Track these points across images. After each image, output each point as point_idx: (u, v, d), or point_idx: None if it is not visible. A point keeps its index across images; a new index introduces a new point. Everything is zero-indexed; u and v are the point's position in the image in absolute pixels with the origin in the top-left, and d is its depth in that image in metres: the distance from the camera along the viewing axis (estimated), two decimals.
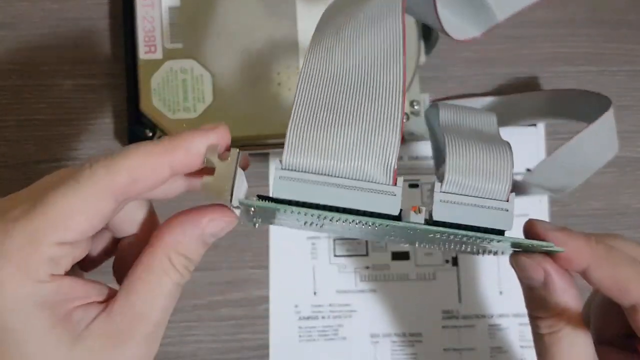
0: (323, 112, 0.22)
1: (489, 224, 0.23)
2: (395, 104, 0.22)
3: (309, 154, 0.21)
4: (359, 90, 0.22)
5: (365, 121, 0.22)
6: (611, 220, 0.45)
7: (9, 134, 0.43)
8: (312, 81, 0.23)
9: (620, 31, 0.46)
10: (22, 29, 0.44)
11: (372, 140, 0.21)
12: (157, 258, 0.22)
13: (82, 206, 0.21)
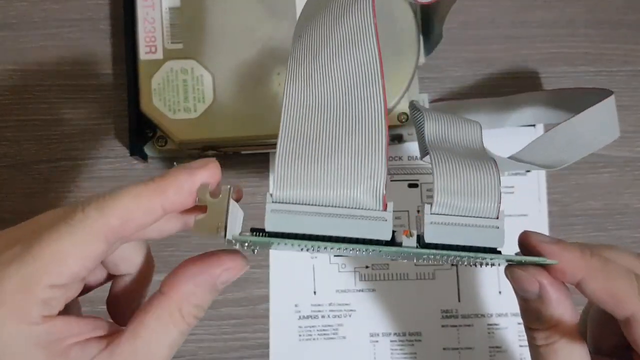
0: (309, 143, 0.22)
1: (481, 243, 0.22)
2: (378, 130, 0.22)
3: (298, 186, 0.21)
4: (342, 118, 0.22)
5: (351, 150, 0.22)
6: (611, 220, 0.45)
7: (9, 134, 0.44)
8: (294, 113, 0.22)
9: (619, 31, 0.46)
10: (23, 29, 0.44)
11: (359, 168, 0.22)
12: (168, 309, 0.22)
13: (75, 250, 0.21)
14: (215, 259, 0.23)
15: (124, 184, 0.22)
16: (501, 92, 0.45)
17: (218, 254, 0.23)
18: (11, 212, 0.43)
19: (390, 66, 0.41)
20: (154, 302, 0.22)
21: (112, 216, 0.21)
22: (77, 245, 0.21)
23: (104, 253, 0.21)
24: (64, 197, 0.43)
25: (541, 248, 0.23)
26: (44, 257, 0.20)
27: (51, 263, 0.20)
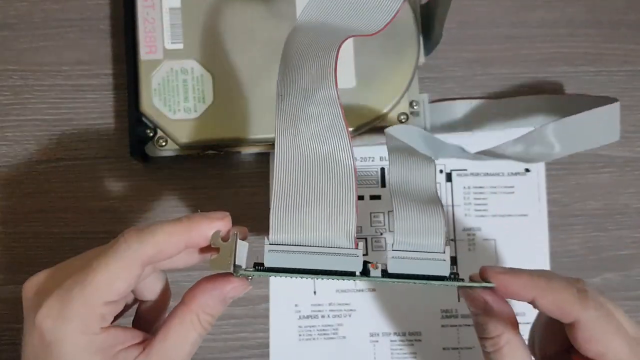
0: (295, 194, 0.28)
1: (432, 272, 0.28)
2: (349, 185, 0.28)
3: (288, 231, 0.28)
4: (322, 175, 0.28)
5: (329, 201, 0.28)
6: (611, 220, 0.45)
7: (10, 134, 0.44)
8: (283, 169, 0.28)
9: (619, 31, 0.46)
10: (23, 29, 0.44)
11: (336, 217, 0.28)
12: (189, 316, 0.28)
13: (122, 273, 0.27)
14: (226, 278, 0.29)
15: (158, 221, 0.28)
16: (501, 92, 0.45)
17: (228, 275, 0.29)
18: (12, 212, 0.43)
19: (390, 66, 0.41)
20: (177, 311, 0.28)
21: (149, 247, 0.27)
22: (123, 269, 0.27)
23: (140, 276, 0.28)
24: (64, 197, 0.43)
25: (494, 278, 0.29)
26: (99, 281, 0.26)
27: (105, 285, 0.26)
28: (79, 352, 0.26)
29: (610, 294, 0.44)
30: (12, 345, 0.42)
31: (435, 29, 0.42)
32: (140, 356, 0.28)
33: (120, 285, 0.27)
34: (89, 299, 0.26)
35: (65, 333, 0.26)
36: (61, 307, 0.26)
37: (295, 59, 0.30)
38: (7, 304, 0.42)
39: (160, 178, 0.44)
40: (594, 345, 0.29)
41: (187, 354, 0.28)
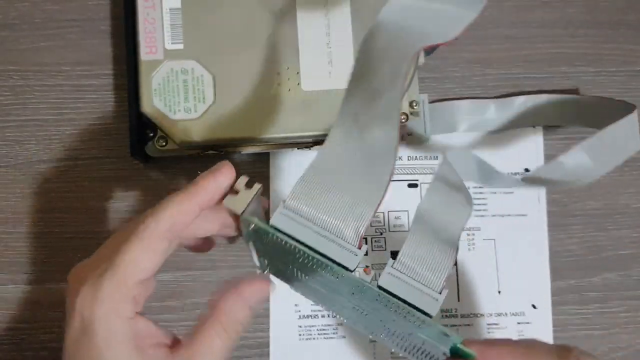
0: (327, 177, 0.28)
1: (419, 305, 0.27)
2: (378, 192, 0.28)
3: (306, 204, 0.28)
4: (358, 170, 0.29)
5: (354, 195, 0.28)
6: (610, 220, 0.45)
7: (10, 134, 0.44)
8: (328, 153, 0.29)
9: (618, 32, 0.46)
10: (24, 29, 0.44)
11: (353, 211, 0.28)
12: (214, 324, 0.29)
13: (145, 252, 0.28)
14: (247, 282, 0.29)
15: (170, 195, 0.29)
16: (501, 92, 0.46)
17: (249, 280, 0.30)
18: (12, 212, 0.43)
19: None
20: (204, 319, 0.29)
21: (164, 221, 0.28)
22: (146, 248, 0.28)
23: (167, 249, 0.29)
24: (64, 197, 0.43)
25: (475, 348, 0.29)
26: (126, 263, 0.27)
27: (132, 265, 0.27)
28: (114, 335, 0.27)
29: (609, 294, 0.44)
30: (12, 345, 0.42)
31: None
32: (168, 358, 0.28)
33: (146, 263, 0.28)
34: (120, 280, 0.27)
35: (100, 316, 0.27)
36: (95, 290, 0.27)
37: (372, 60, 0.30)
38: (8, 304, 0.42)
39: (160, 178, 0.44)
40: None
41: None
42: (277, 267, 0.33)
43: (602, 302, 0.44)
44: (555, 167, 0.37)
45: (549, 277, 0.44)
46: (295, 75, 0.41)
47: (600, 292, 0.44)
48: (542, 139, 0.45)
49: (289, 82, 0.41)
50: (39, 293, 0.43)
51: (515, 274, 0.44)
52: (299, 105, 0.40)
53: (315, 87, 0.41)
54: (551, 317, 0.44)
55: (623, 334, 0.44)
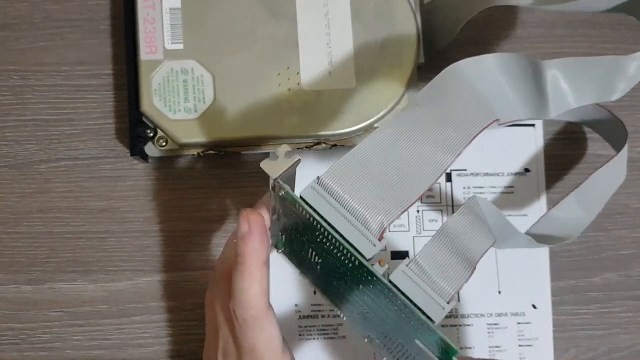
0: (367, 166, 0.29)
1: (425, 308, 0.28)
2: (410, 197, 0.29)
3: (339, 185, 0.28)
4: (399, 172, 0.29)
5: (387, 191, 0.29)
6: (610, 220, 0.45)
7: (10, 134, 0.44)
8: (374, 145, 0.29)
9: (618, 32, 0.46)
10: (23, 29, 0.44)
11: (382, 205, 0.28)
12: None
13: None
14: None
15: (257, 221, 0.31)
16: None
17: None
18: (12, 212, 0.43)
19: (389, 66, 0.41)
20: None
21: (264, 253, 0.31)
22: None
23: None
24: (64, 197, 0.43)
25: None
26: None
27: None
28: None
29: (610, 294, 0.44)
30: (13, 345, 0.42)
31: (446, 38, 0.42)
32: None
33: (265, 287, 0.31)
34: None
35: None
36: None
37: (456, 93, 0.31)
38: (8, 304, 0.42)
39: (160, 178, 0.44)
40: None
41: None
42: (293, 246, 0.33)
43: (602, 302, 0.44)
44: (549, 221, 0.38)
45: (549, 277, 0.44)
46: (295, 75, 0.41)
47: (600, 292, 0.45)
48: (542, 139, 0.45)
49: (289, 82, 0.41)
50: (39, 293, 0.42)
51: (516, 274, 0.44)
52: (299, 105, 0.40)
53: (315, 87, 0.41)
54: (551, 317, 0.44)
55: (623, 334, 0.44)
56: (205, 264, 0.43)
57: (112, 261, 0.43)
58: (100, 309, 0.43)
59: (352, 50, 0.41)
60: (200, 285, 0.43)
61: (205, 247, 0.43)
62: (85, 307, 0.43)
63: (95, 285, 0.43)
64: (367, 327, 0.33)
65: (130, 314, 0.43)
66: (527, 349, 0.43)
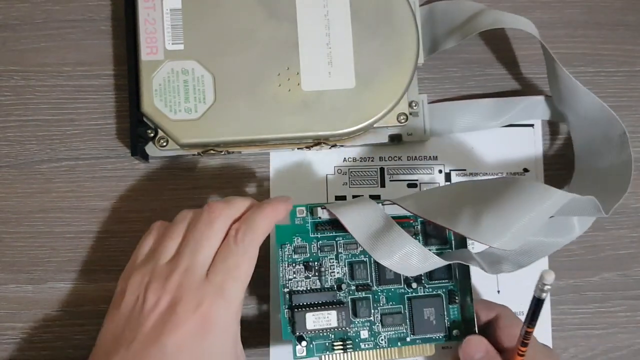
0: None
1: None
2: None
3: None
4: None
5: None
6: (610, 220, 0.45)
7: (11, 134, 0.44)
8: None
9: (617, 32, 0.47)
10: (24, 30, 0.44)
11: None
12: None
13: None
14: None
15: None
16: (500, 92, 0.46)
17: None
18: (13, 212, 0.43)
19: (389, 67, 0.41)
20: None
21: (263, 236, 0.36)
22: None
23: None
24: (65, 197, 0.43)
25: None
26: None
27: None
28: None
29: (608, 294, 0.45)
30: (14, 344, 0.42)
31: (450, 42, 0.43)
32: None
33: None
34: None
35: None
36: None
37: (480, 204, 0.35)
38: (9, 303, 0.43)
39: (161, 178, 0.44)
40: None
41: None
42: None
43: (601, 301, 0.45)
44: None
45: None
46: (295, 75, 0.41)
47: (599, 291, 0.45)
48: (541, 139, 0.45)
49: (289, 82, 0.41)
50: (39, 292, 0.43)
51: (515, 273, 0.44)
52: (299, 105, 0.41)
53: (315, 87, 0.41)
54: (550, 317, 0.44)
55: (622, 333, 0.44)
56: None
57: (113, 261, 0.43)
58: (101, 308, 0.43)
59: (352, 50, 0.41)
60: None
61: None
62: (86, 306, 0.43)
63: (96, 285, 0.43)
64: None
65: None
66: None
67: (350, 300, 0.38)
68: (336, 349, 0.37)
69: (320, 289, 0.38)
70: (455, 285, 0.39)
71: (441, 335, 0.39)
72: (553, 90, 0.44)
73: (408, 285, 0.39)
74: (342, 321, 0.37)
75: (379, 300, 0.39)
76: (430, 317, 0.38)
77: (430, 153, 0.45)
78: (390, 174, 0.45)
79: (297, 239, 0.38)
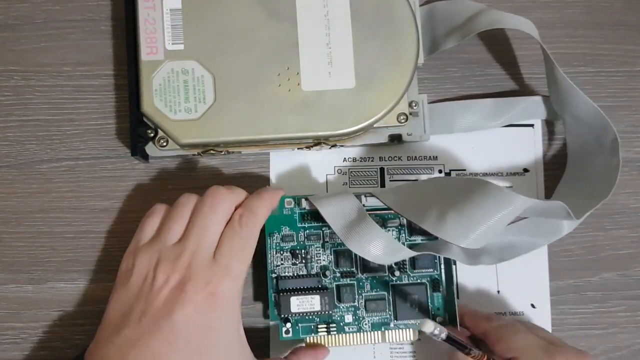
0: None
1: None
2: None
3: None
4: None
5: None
6: (609, 220, 0.45)
7: (11, 134, 0.44)
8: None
9: (617, 32, 0.47)
10: (24, 30, 0.44)
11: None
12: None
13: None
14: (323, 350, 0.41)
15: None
16: (500, 92, 0.46)
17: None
18: (13, 212, 0.43)
19: (389, 67, 0.41)
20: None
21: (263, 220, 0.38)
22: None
23: None
24: (65, 197, 0.43)
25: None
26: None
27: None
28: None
29: (608, 294, 0.45)
30: (14, 344, 0.42)
31: (450, 42, 0.43)
32: None
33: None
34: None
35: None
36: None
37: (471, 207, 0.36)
38: (9, 303, 0.43)
39: (161, 178, 0.44)
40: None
41: None
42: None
43: (601, 301, 0.45)
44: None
45: (547, 276, 0.44)
46: (295, 75, 0.41)
47: (599, 291, 0.45)
48: (541, 139, 0.45)
49: (289, 82, 0.41)
50: (40, 292, 0.43)
51: (514, 273, 0.44)
52: (299, 105, 0.41)
53: (315, 87, 0.41)
54: (550, 317, 0.44)
55: (622, 333, 0.44)
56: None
57: (113, 261, 0.43)
58: (101, 308, 0.43)
59: (352, 50, 0.41)
60: None
61: None
62: (86, 306, 0.43)
63: (96, 285, 0.43)
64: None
65: None
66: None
67: (335, 286, 0.40)
68: (320, 332, 0.40)
69: (306, 275, 0.40)
70: (439, 274, 0.41)
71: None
72: (551, 91, 0.44)
73: (392, 273, 0.41)
74: (325, 305, 0.39)
75: (364, 287, 0.41)
76: (413, 304, 0.40)
77: (430, 153, 0.45)
78: (390, 174, 0.45)
79: (285, 228, 0.41)
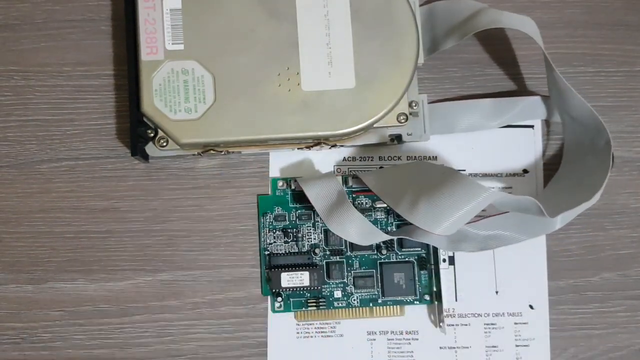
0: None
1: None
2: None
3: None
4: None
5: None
6: (609, 220, 0.45)
7: (11, 134, 0.44)
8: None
9: (617, 32, 0.46)
10: (24, 30, 0.44)
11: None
12: None
13: None
14: None
15: None
16: (500, 92, 0.46)
17: None
18: (13, 212, 0.43)
19: (389, 67, 0.41)
20: None
21: None
22: None
23: None
24: (65, 197, 0.43)
25: None
26: None
27: None
28: None
29: (608, 294, 0.45)
30: (14, 344, 0.42)
31: (449, 42, 0.43)
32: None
33: None
34: None
35: None
36: None
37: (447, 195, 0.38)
38: (9, 303, 0.43)
39: (161, 178, 0.44)
40: None
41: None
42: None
43: (600, 301, 0.45)
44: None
45: (546, 277, 0.44)
46: (295, 75, 0.41)
47: (598, 291, 0.45)
48: (541, 140, 0.45)
49: (289, 82, 0.41)
50: (40, 292, 0.43)
51: (513, 274, 0.44)
52: (299, 105, 0.41)
53: (315, 87, 0.41)
54: (549, 317, 0.44)
55: (622, 333, 0.44)
56: (206, 263, 0.44)
57: (113, 261, 0.43)
58: (101, 308, 0.43)
59: (352, 50, 0.41)
60: (200, 285, 0.43)
61: (206, 247, 0.44)
62: (86, 306, 0.43)
63: (96, 285, 0.43)
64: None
65: (131, 313, 0.43)
66: (524, 349, 0.43)
67: (325, 263, 0.43)
68: (310, 307, 0.42)
69: (297, 253, 0.42)
70: (426, 253, 0.43)
71: (412, 298, 0.43)
72: (551, 91, 0.44)
73: (380, 252, 0.43)
74: (314, 281, 0.41)
75: (353, 265, 0.43)
76: (401, 281, 0.42)
77: (430, 153, 0.45)
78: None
79: (277, 208, 0.43)
